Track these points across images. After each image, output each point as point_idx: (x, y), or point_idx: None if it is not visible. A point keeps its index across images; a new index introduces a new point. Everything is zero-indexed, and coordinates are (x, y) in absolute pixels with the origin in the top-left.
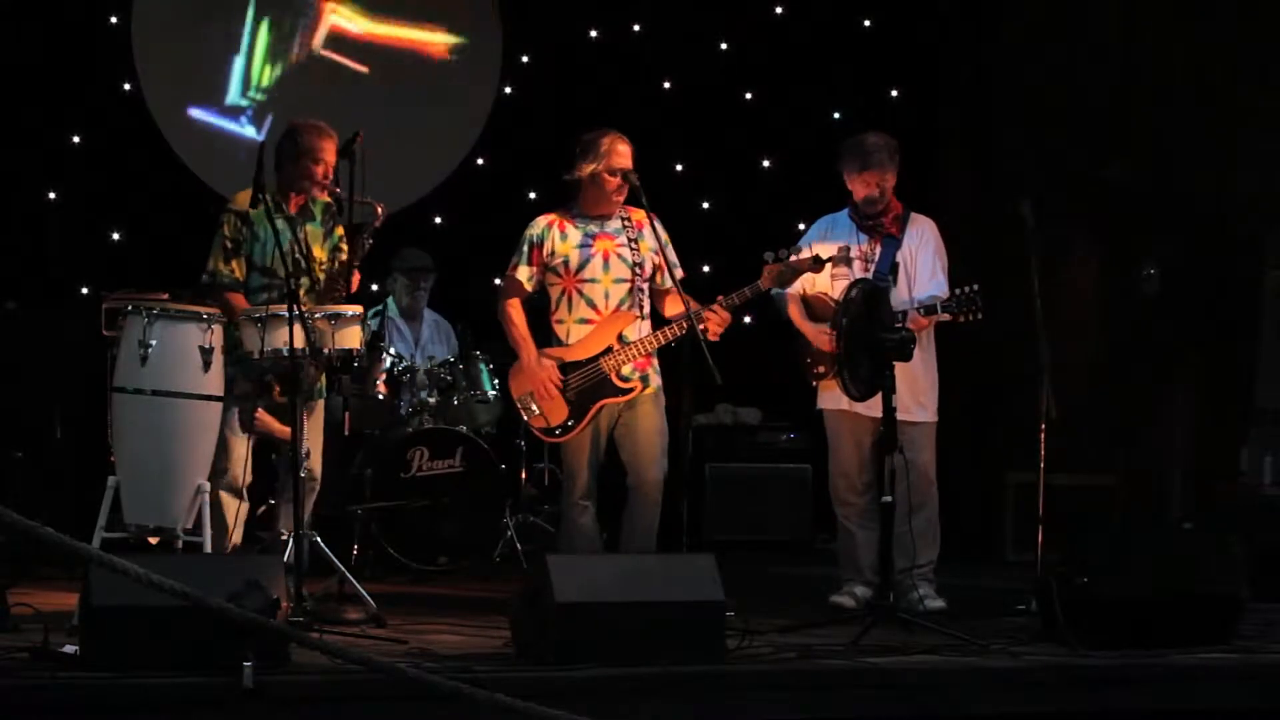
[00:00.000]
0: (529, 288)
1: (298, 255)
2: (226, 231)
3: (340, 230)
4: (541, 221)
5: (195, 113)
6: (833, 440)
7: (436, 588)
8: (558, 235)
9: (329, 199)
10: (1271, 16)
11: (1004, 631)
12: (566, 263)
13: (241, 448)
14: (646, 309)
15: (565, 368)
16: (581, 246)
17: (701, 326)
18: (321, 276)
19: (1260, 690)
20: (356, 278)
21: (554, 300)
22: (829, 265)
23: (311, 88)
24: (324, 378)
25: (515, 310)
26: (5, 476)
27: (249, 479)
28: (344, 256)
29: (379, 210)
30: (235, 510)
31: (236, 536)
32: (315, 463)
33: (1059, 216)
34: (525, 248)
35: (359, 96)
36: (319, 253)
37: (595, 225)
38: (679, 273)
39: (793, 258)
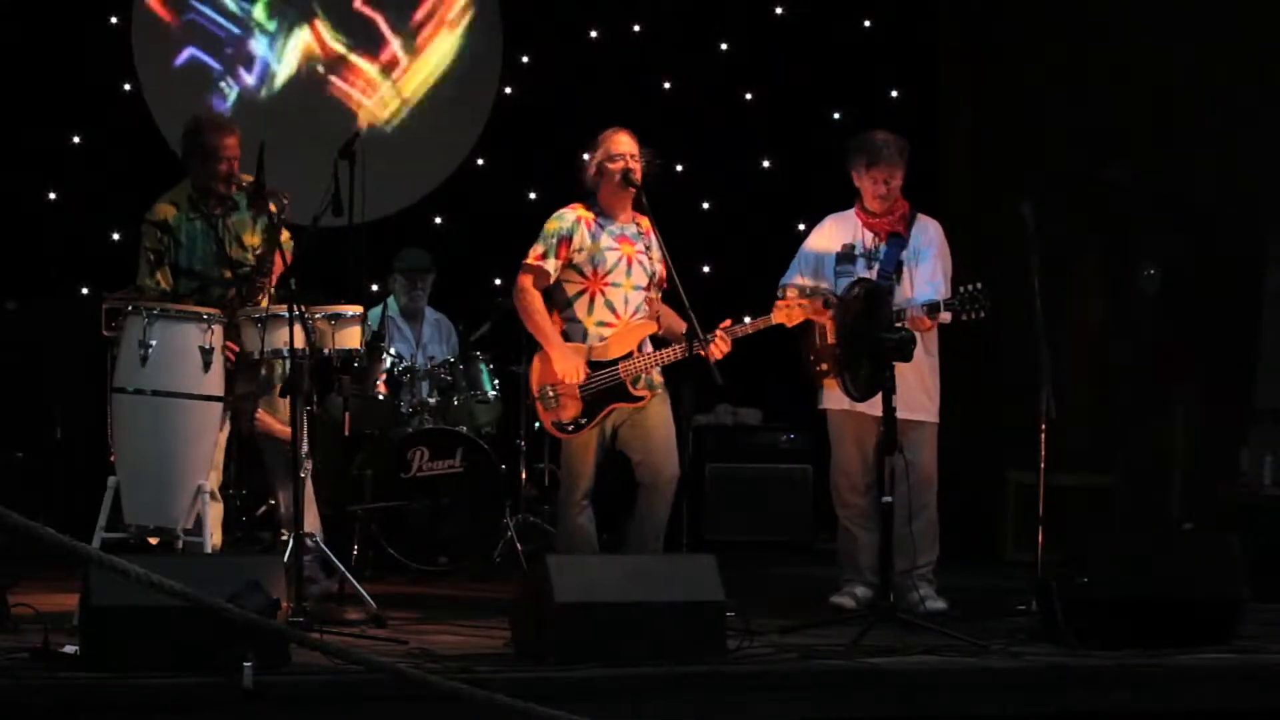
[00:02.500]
0: (553, 279)
1: (228, 254)
2: (148, 244)
3: (271, 206)
4: (570, 215)
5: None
6: (835, 440)
7: (436, 588)
8: (586, 233)
9: (248, 179)
10: (1271, 16)
11: (1004, 631)
12: (594, 263)
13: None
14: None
15: (590, 365)
16: (610, 249)
17: (702, 352)
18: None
19: (1260, 690)
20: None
21: (569, 297)
22: (819, 250)
23: (311, 84)
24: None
25: (539, 301)
26: (5, 476)
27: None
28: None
29: (284, 200)
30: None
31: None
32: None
33: (1059, 217)
34: (554, 240)
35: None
36: (251, 239)
37: (615, 227)
38: (663, 284)
39: (804, 299)
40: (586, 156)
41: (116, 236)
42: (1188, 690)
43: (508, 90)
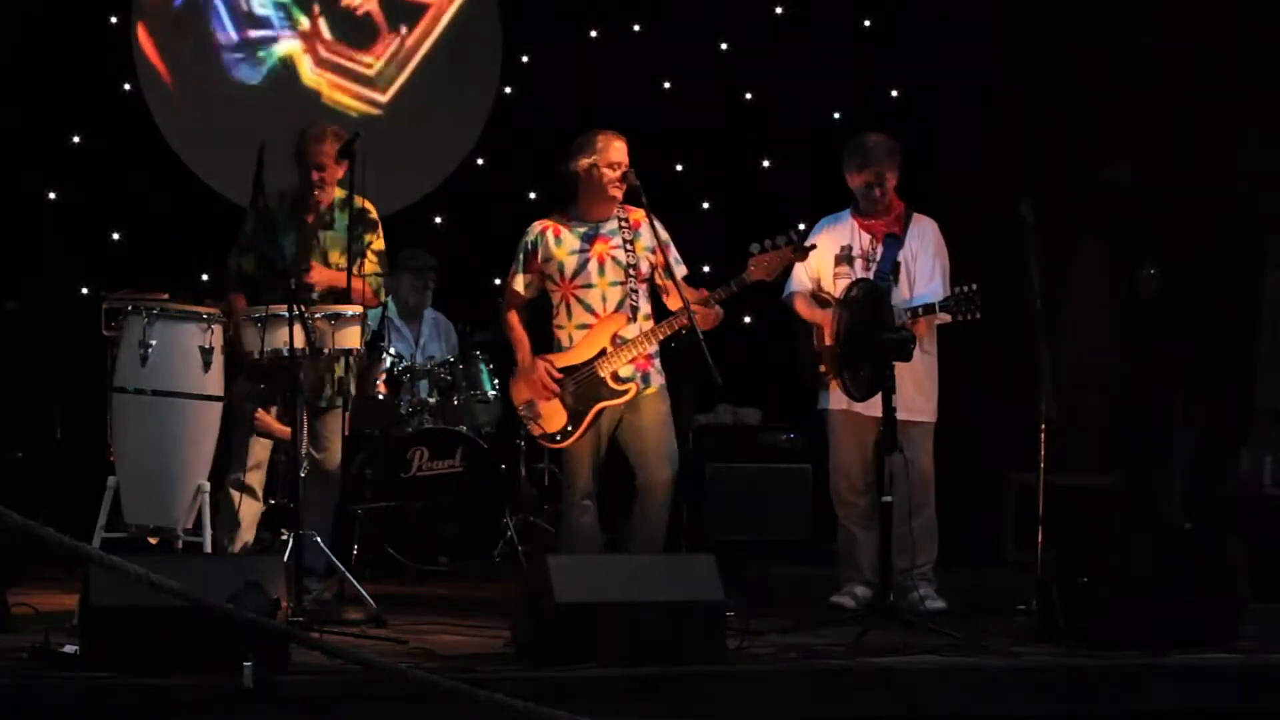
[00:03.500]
0: (525, 295)
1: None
2: (246, 228)
3: (370, 238)
4: (536, 228)
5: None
6: (834, 440)
7: (436, 588)
8: (552, 241)
9: (369, 206)
10: (1272, 16)
11: (1004, 631)
12: (562, 270)
13: (260, 449)
14: (646, 310)
15: (561, 371)
16: (576, 253)
17: (685, 322)
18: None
19: (1260, 690)
20: (357, 281)
21: (554, 306)
22: (816, 252)
23: (309, 86)
24: (336, 382)
25: (514, 318)
26: (5, 476)
27: (263, 480)
28: (369, 265)
29: (371, 214)
30: (252, 511)
31: (249, 535)
32: (333, 459)
33: (1059, 217)
34: (521, 256)
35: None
36: (335, 258)
37: (592, 228)
38: (681, 269)
39: (774, 250)
40: (576, 157)
41: (116, 236)
42: (1188, 690)
43: (508, 90)
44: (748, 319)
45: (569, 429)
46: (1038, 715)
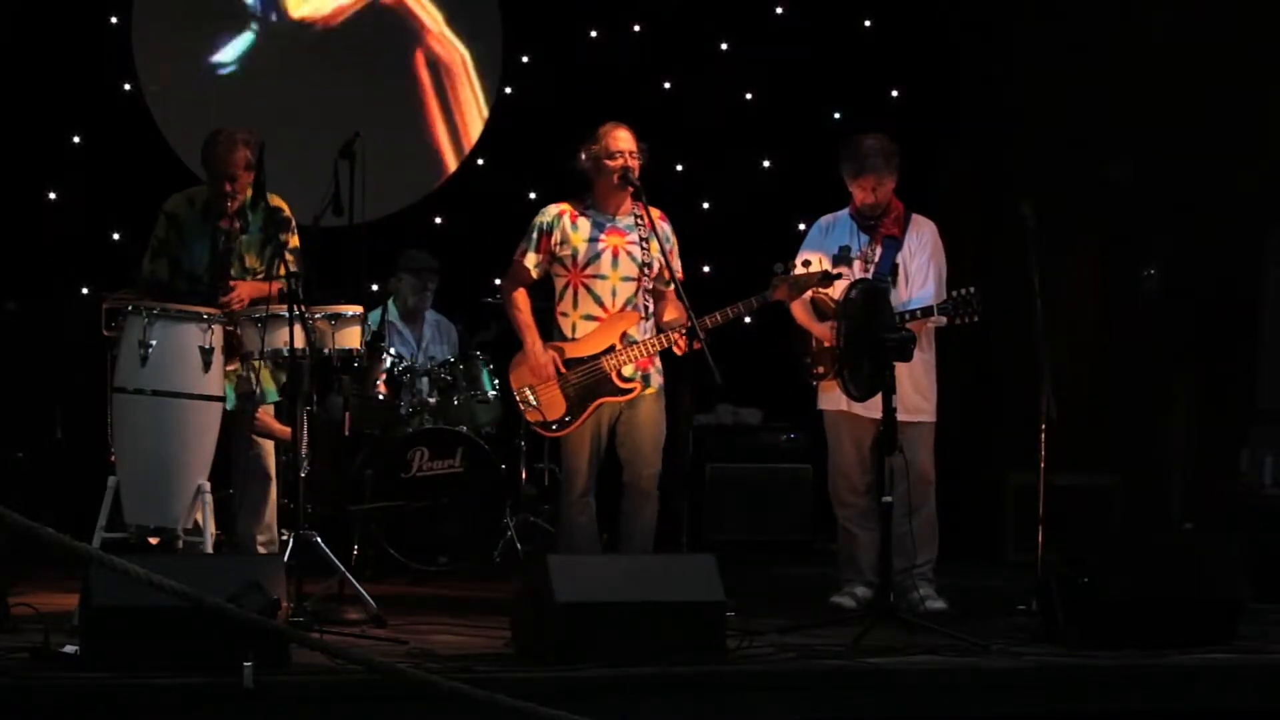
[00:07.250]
0: (535, 275)
1: (217, 265)
2: (157, 231)
3: (285, 236)
4: (553, 209)
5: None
6: (832, 441)
7: (436, 588)
8: (568, 225)
9: (280, 204)
10: (1271, 16)
11: (1004, 631)
12: (575, 255)
13: None
14: (652, 309)
15: (567, 363)
16: (590, 240)
17: (677, 337)
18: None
19: (1260, 690)
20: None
21: (558, 292)
22: (815, 253)
23: (311, 87)
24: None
25: (521, 297)
26: (5, 476)
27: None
28: (286, 267)
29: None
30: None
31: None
32: (267, 455)
33: (1059, 217)
34: (534, 234)
35: (360, 97)
36: (251, 261)
37: (607, 219)
38: (678, 275)
39: (802, 270)
40: (583, 150)
41: (116, 236)
42: (1188, 690)
43: (508, 90)
44: (747, 319)
45: (566, 419)
46: (1038, 715)
